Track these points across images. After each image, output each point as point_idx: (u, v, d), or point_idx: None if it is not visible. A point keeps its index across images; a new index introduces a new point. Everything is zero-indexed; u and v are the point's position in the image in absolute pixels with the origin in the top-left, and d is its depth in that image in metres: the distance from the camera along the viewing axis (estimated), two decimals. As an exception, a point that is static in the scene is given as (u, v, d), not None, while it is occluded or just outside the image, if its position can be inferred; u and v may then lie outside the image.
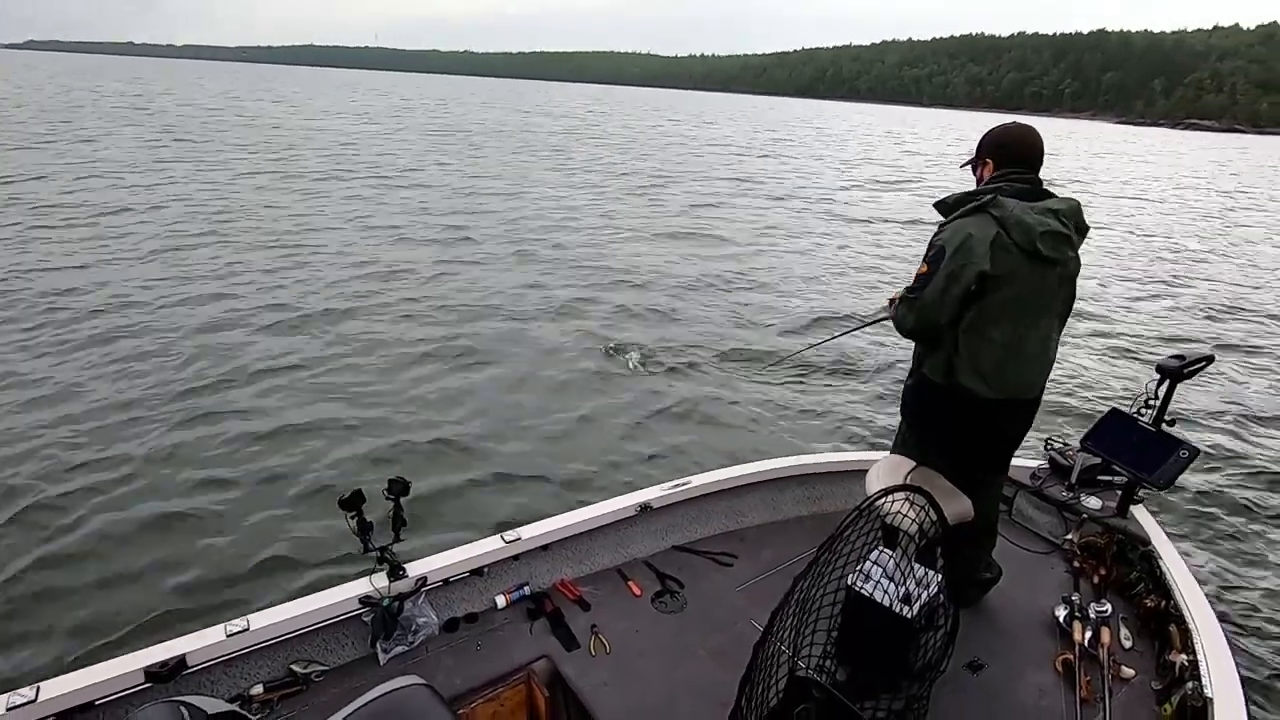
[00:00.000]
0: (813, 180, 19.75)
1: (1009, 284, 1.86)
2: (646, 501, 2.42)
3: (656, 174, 18.38)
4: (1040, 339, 1.97)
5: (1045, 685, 2.00)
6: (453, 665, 1.94)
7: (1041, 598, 2.34)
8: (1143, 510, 2.55)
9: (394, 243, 9.18)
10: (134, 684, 1.61)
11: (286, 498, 3.68)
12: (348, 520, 1.88)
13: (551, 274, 8.25)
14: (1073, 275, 1.99)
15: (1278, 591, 3.53)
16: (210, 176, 13.18)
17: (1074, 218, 1.91)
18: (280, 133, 22.43)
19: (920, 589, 1.77)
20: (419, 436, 4.36)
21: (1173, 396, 2.49)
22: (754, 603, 2.29)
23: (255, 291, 6.77)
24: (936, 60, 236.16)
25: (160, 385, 4.70)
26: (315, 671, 1.85)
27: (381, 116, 33.70)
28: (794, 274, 9.14)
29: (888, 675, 1.77)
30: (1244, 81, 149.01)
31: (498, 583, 2.18)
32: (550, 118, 41.90)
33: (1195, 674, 1.85)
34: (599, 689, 1.90)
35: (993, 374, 1.93)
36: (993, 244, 1.83)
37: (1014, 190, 1.90)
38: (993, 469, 2.23)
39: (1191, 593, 2.13)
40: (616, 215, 12.25)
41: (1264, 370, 6.81)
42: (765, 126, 47.22)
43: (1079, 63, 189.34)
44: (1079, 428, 4.72)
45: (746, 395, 5.26)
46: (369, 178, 14.54)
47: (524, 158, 20.26)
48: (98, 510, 3.45)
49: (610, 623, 2.14)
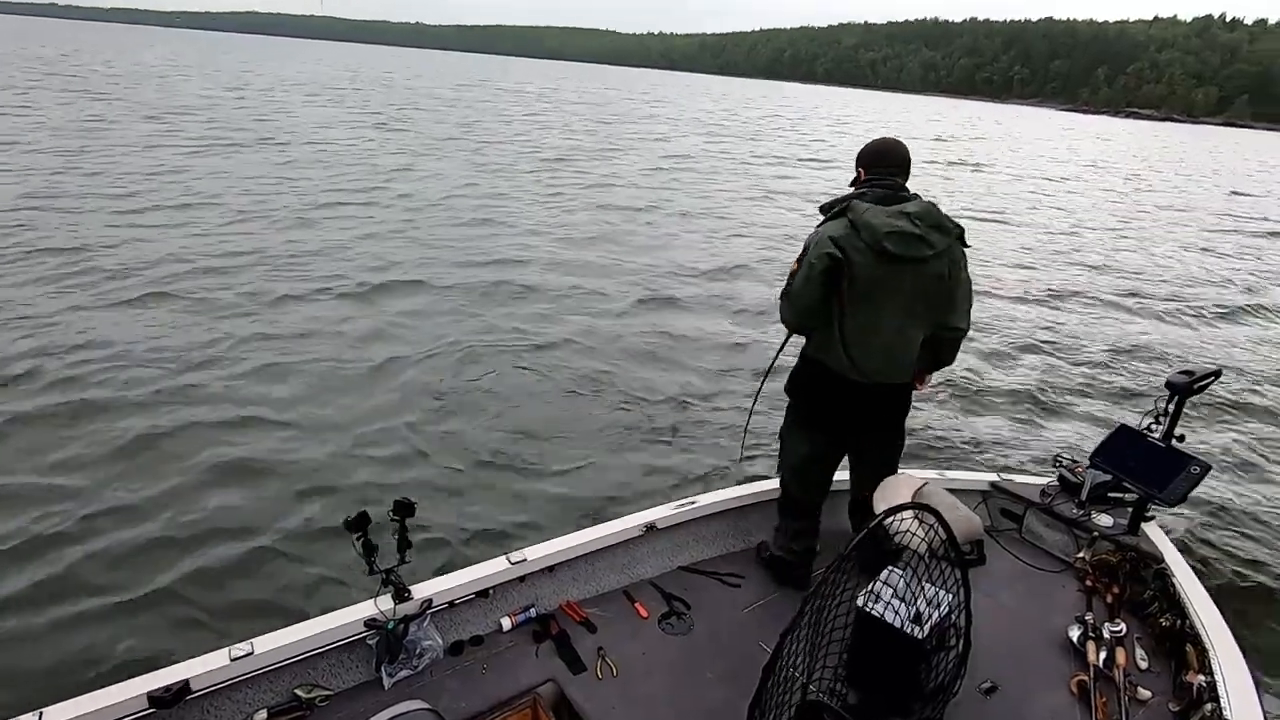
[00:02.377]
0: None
1: (860, 278, 2.11)
2: (652, 521, 2.40)
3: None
4: (895, 330, 2.17)
5: (1060, 707, 1.97)
6: (458, 689, 1.92)
7: (1054, 617, 2.31)
8: (1155, 527, 2.52)
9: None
10: (137, 709, 1.60)
11: (291, 519, 3.67)
12: (353, 542, 1.88)
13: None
14: (941, 272, 2.14)
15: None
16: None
17: (927, 219, 2.09)
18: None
19: (931, 609, 1.75)
20: (422, 452, 4.36)
21: (1182, 412, 2.48)
22: (762, 624, 2.26)
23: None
24: (891, 44, 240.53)
25: (162, 397, 4.71)
26: (320, 696, 1.83)
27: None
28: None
29: (899, 698, 1.74)
30: (1180, 72, 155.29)
31: (503, 605, 2.16)
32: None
33: (1214, 695, 1.82)
34: (606, 712, 1.88)
35: (849, 356, 2.19)
36: (845, 242, 2.09)
37: (875, 195, 2.15)
38: (870, 445, 2.45)
39: (1207, 611, 2.10)
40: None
41: (1273, 382, 6.77)
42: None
43: (1028, 50, 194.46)
44: (1088, 444, 4.69)
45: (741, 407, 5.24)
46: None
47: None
48: (98, 531, 3.44)
49: (617, 645, 2.12)
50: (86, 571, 3.20)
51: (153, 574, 3.22)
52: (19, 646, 2.79)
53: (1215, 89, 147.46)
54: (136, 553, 3.34)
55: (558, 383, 5.58)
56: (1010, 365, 6.74)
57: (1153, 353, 7.49)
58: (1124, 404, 6.02)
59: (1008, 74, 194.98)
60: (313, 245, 8.70)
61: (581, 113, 29.03)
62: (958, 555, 1.66)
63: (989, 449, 5.03)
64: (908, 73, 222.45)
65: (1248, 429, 5.66)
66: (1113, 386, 6.43)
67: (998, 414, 5.66)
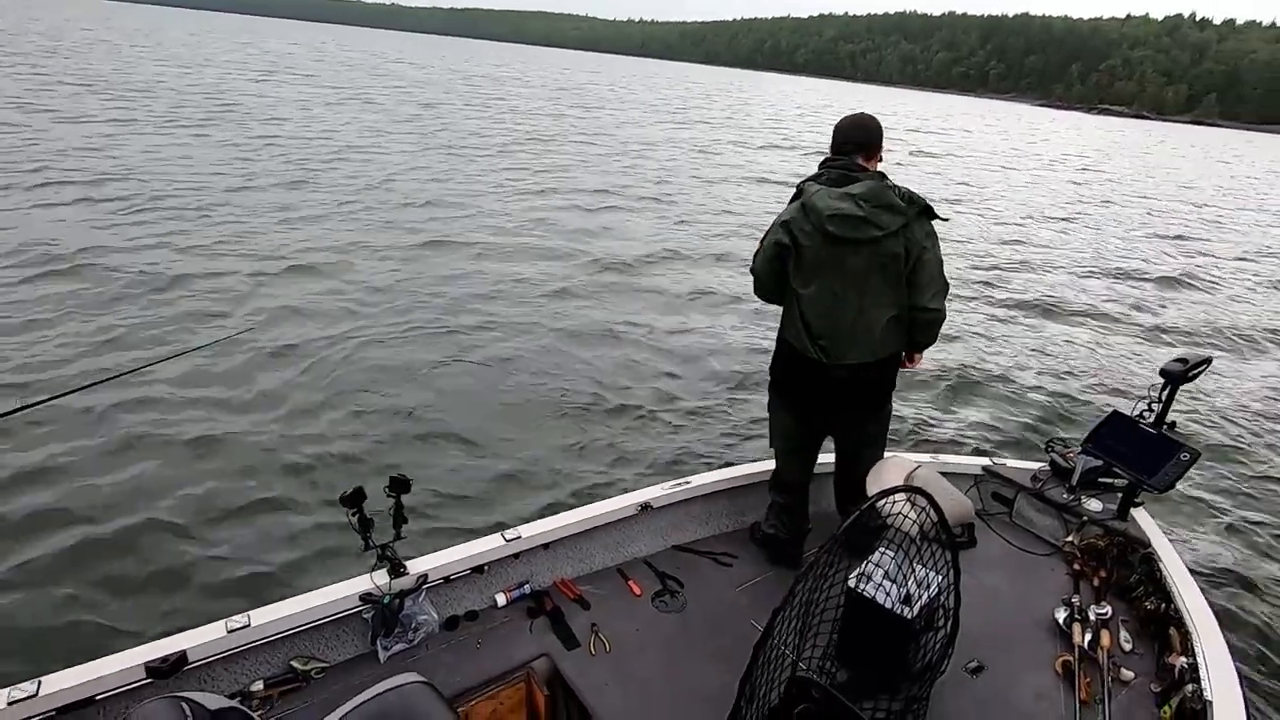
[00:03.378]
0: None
1: (807, 260, 2.17)
2: (647, 501, 2.42)
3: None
4: (854, 310, 2.17)
5: (1044, 687, 2.00)
6: (453, 663, 1.94)
7: (1042, 600, 2.34)
8: (1143, 513, 2.55)
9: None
10: (135, 680, 1.61)
11: (287, 493, 3.69)
12: (349, 517, 1.88)
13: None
14: (896, 251, 2.11)
15: (1278, 594, 3.53)
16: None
17: (874, 199, 2.07)
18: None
19: (921, 590, 1.77)
20: (420, 431, 4.37)
21: (1174, 399, 2.49)
22: (754, 602, 2.29)
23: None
24: (871, 36, 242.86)
25: (162, 374, 4.70)
26: (316, 668, 1.85)
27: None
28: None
29: (887, 676, 1.77)
30: (1151, 70, 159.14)
31: (498, 581, 2.18)
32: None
33: (1195, 676, 1.85)
34: (598, 688, 1.90)
35: (809, 335, 2.23)
36: (794, 225, 2.15)
37: (830, 176, 2.17)
38: (842, 425, 2.44)
39: (1191, 595, 2.13)
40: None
41: (1265, 372, 6.81)
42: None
43: (1004, 45, 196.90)
44: (1080, 430, 4.72)
45: (736, 394, 5.26)
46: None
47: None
48: (96, 506, 3.45)
49: (610, 622, 2.14)
50: (86, 547, 3.21)
51: (151, 548, 3.24)
52: (17, 617, 2.81)
53: (1185, 87, 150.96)
54: (134, 527, 3.36)
55: (549, 368, 5.58)
56: (1001, 350, 6.77)
57: (1146, 338, 7.52)
58: (1118, 392, 6.06)
59: (984, 68, 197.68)
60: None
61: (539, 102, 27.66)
62: (948, 538, 1.68)
63: (982, 433, 5.06)
64: (886, 65, 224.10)
65: (1238, 414, 5.70)
66: (1107, 372, 6.46)
67: (991, 399, 5.69)
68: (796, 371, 2.34)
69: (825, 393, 2.31)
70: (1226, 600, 3.44)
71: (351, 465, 3.97)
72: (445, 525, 3.53)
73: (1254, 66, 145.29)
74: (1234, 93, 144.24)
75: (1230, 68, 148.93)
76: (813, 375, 2.28)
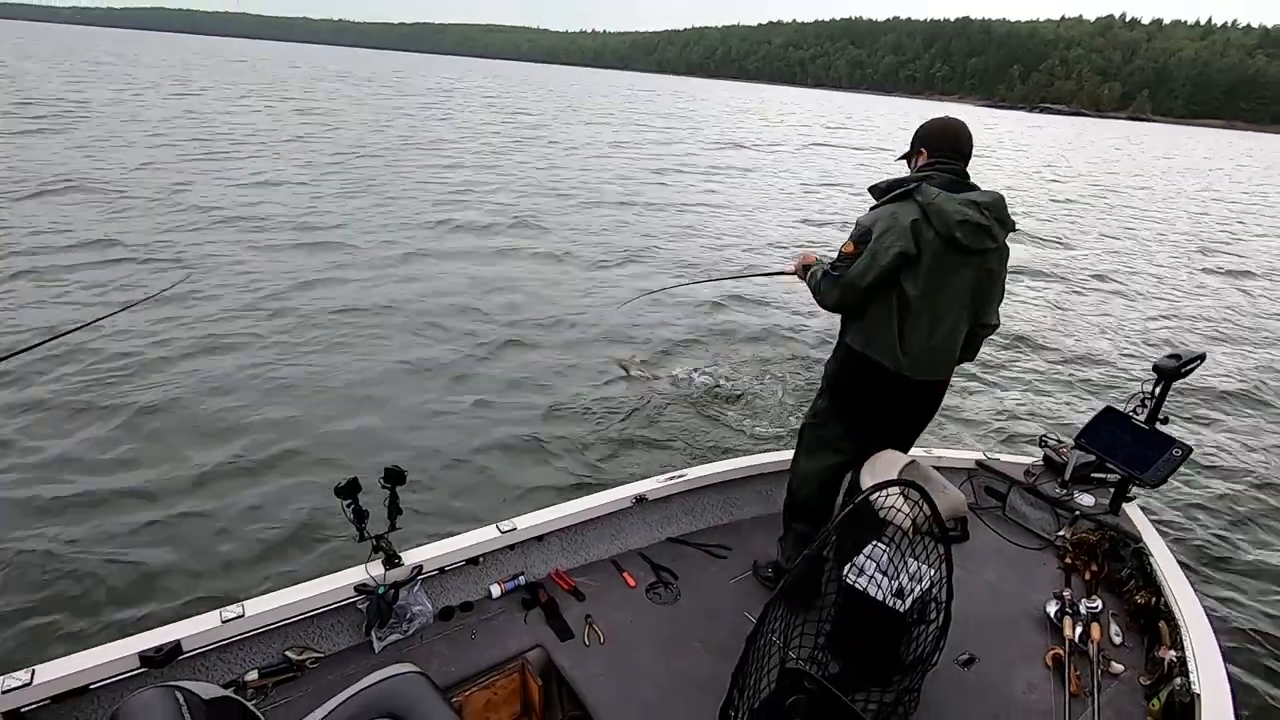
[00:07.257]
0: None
1: (926, 267, 1.95)
2: (642, 493, 2.43)
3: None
4: (950, 324, 2.04)
5: (1035, 680, 2.02)
6: (447, 654, 1.95)
7: (1033, 593, 2.36)
8: (1135, 508, 2.57)
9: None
10: (129, 669, 1.61)
11: (282, 484, 3.68)
12: (343, 508, 1.88)
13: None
14: (994, 268, 2.05)
15: (1267, 589, 3.56)
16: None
17: (995, 210, 1.97)
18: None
19: (913, 583, 1.78)
20: (415, 424, 4.36)
21: (1167, 396, 2.50)
22: (748, 595, 2.30)
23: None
24: (819, 43, 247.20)
25: (153, 369, 4.69)
26: (310, 658, 1.86)
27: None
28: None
29: (879, 668, 1.78)
30: (1088, 69, 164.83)
31: (493, 572, 2.18)
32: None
33: (1184, 670, 1.87)
34: (592, 679, 1.91)
35: (903, 351, 2.03)
36: (914, 228, 1.92)
37: (940, 180, 1.98)
38: (898, 441, 2.26)
39: (1181, 589, 2.15)
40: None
41: (1257, 367, 6.84)
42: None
43: (948, 48, 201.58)
44: (1073, 425, 4.74)
45: (744, 386, 5.27)
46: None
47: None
48: (92, 495, 3.45)
49: (604, 613, 2.15)
50: (81, 535, 3.21)
51: (146, 537, 3.23)
52: (10, 606, 2.81)
53: (1118, 85, 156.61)
54: (128, 517, 3.35)
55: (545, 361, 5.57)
56: (995, 345, 6.78)
57: (1142, 337, 7.55)
58: (1109, 387, 6.08)
59: (929, 71, 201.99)
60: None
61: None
62: (941, 531, 1.68)
63: (976, 428, 5.08)
64: (835, 70, 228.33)
65: (1228, 411, 5.73)
66: (1101, 369, 6.49)
67: (985, 394, 5.71)
68: (879, 389, 2.11)
69: (906, 410, 2.17)
70: (1216, 595, 3.47)
71: (346, 456, 3.97)
72: (441, 515, 3.54)
73: (1181, 64, 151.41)
74: (1165, 88, 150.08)
75: (1160, 65, 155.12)
76: (895, 391, 2.09)
